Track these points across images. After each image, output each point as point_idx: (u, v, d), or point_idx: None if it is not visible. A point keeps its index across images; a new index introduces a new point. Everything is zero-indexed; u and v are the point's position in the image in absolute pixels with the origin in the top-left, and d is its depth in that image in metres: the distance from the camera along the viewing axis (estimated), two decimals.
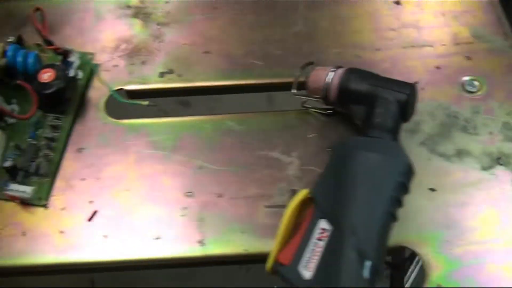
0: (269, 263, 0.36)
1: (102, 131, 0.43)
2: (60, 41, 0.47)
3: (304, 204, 0.37)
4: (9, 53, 0.44)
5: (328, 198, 0.36)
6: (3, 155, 0.42)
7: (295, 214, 0.37)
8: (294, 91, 0.42)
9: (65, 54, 0.44)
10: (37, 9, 0.43)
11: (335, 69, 0.41)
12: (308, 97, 0.42)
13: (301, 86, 0.43)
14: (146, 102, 0.39)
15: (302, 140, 0.42)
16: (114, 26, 0.49)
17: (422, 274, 0.38)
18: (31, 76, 0.43)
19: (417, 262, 0.96)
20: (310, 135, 0.43)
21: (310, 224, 0.36)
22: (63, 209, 0.40)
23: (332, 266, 0.34)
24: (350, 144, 0.38)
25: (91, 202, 0.40)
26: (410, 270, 0.95)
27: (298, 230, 0.36)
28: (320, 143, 0.42)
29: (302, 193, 0.37)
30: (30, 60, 0.43)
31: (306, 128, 0.43)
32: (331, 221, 0.35)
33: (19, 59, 0.43)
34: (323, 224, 0.36)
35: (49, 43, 0.43)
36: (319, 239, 0.35)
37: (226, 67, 0.46)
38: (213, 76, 0.45)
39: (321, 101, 0.42)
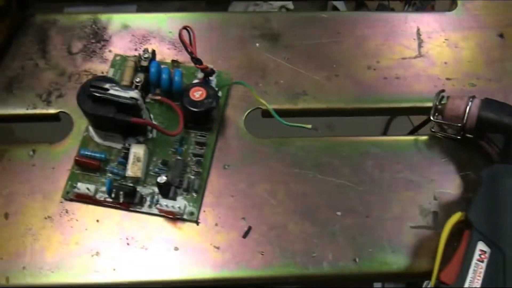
0: (432, 282, 0.38)
1: (244, 149, 0.45)
2: (188, 57, 0.48)
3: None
4: (153, 70, 0.44)
5: (483, 221, 0.39)
6: (147, 169, 0.43)
7: (450, 235, 0.39)
8: (432, 117, 0.44)
9: (210, 73, 0.44)
10: (185, 27, 0.44)
11: (471, 99, 0.44)
12: (444, 123, 0.44)
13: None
14: (309, 126, 0.41)
15: (436, 164, 0.45)
16: (243, 46, 0.50)
17: None
18: (177, 94, 0.44)
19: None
20: (443, 159, 0.45)
21: (469, 246, 0.38)
22: (215, 225, 0.41)
23: (497, 284, 0.36)
24: (497, 172, 0.41)
25: (243, 218, 0.41)
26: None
27: (456, 251, 0.39)
28: (452, 167, 0.45)
29: (456, 216, 0.40)
30: (177, 78, 0.44)
31: (438, 152, 0.45)
32: (487, 243, 0.38)
33: (165, 76, 0.44)
34: (481, 246, 0.38)
35: (197, 61, 0.44)
36: (480, 261, 0.38)
37: (356, 91, 0.48)
38: (346, 99, 0.47)
39: (454, 127, 0.44)
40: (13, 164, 0.44)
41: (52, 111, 0.47)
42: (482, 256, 0.38)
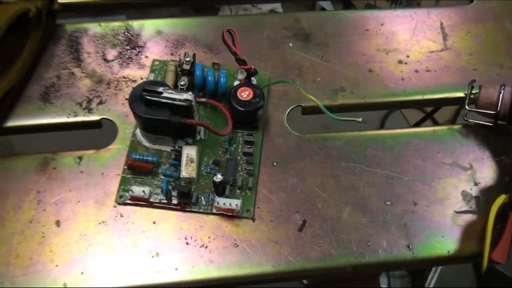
0: (485, 263, 0.40)
1: (290, 146, 0.46)
2: (224, 59, 0.49)
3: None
4: (198, 72, 0.45)
5: None
6: (199, 170, 0.44)
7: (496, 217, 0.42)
8: (467, 107, 0.47)
9: (254, 73, 0.46)
10: (229, 30, 0.45)
11: (503, 87, 0.46)
12: (479, 112, 0.47)
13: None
14: (359, 119, 0.42)
15: (472, 151, 0.47)
16: (276, 46, 0.51)
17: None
18: (220, 95, 0.45)
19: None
20: (479, 146, 0.47)
21: None
22: (271, 220, 0.42)
23: None
24: None
25: (297, 212, 0.43)
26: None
27: (503, 232, 0.41)
28: (488, 153, 0.47)
29: (501, 198, 0.42)
30: (223, 79, 0.45)
31: (473, 140, 0.47)
32: None
33: (210, 78, 0.45)
34: None
35: (242, 62, 0.45)
36: None
37: (391, 85, 0.50)
38: (383, 93, 0.49)
39: (488, 115, 0.46)
40: (60, 172, 0.45)
41: (94, 118, 0.48)
42: None
